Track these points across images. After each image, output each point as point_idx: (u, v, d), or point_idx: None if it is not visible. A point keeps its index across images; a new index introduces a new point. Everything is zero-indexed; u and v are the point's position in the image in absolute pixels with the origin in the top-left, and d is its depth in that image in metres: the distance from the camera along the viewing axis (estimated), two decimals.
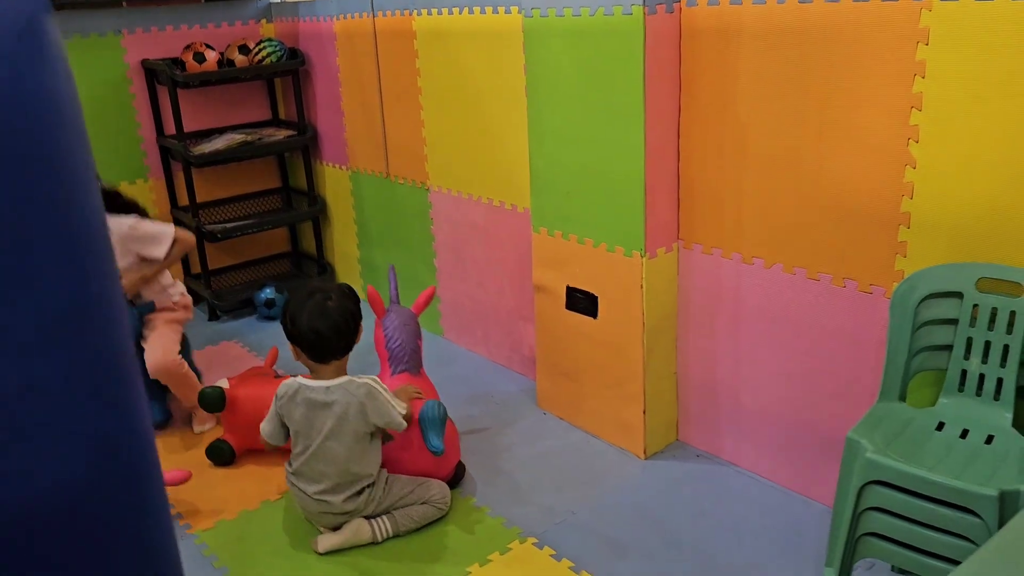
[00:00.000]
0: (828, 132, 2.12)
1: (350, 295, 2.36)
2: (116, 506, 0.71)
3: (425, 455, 2.46)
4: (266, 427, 2.39)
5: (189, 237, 2.97)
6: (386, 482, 2.38)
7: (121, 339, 0.74)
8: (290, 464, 2.37)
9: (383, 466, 2.41)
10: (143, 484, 0.74)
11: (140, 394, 0.75)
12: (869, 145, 2.05)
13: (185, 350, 3.03)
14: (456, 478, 2.61)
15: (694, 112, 2.42)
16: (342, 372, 2.34)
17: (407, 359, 2.63)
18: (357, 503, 2.33)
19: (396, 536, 2.38)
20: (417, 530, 2.40)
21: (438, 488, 2.45)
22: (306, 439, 2.29)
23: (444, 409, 2.45)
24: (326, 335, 2.26)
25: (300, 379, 2.32)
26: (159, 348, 2.87)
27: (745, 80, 2.27)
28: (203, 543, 2.41)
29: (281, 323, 2.34)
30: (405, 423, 2.32)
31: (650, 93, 2.36)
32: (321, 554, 2.33)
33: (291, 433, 2.35)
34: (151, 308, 2.90)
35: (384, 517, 2.37)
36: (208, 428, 3.02)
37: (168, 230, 2.88)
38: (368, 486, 2.34)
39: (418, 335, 2.74)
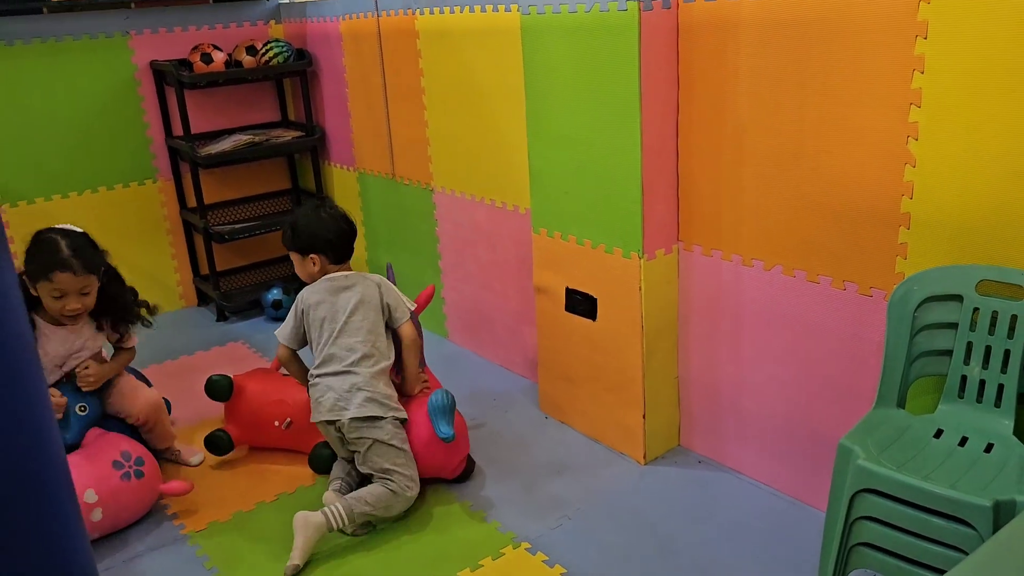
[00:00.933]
0: (827, 130, 2.07)
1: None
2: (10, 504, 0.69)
3: (434, 447, 2.47)
4: (283, 330, 2.58)
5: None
6: (394, 427, 2.44)
7: (16, 334, 0.71)
8: (312, 372, 2.52)
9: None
10: (40, 481, 0.72)
11: (40, 393, 0.73)
12: (868, 143, 1.99)
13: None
14: (467, 471, 2.62)
15: (693, 110, 2.38)
16: (350, 270, 2.62)
17: None
18: (379, 386, 2.45)
19: (351, 521, 2.34)
20: (376, 515, 2.38)
21: (405, 472, 2.41)
22: (331, 323, 2.49)
23: (452, 397, 2.48)
24: (348, 232, 2.60)
25: (316, 280, 2.58)
26: (142, 387, 2.71)
27: (744, 77, 2.22)
28: (196, 544, 2.40)
29: (296, 244, 2.57)
30: (410, 311, 2.59)
31: (646, 90, 2.32)
32: (301, 566, 2.27)
33: (314, 329, 2.51)
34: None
35: (337, 503, 2.35)
36: (201, 459, 2.79)
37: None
38: (387, 373, 2.51)
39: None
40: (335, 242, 2.56)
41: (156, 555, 2.37)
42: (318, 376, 2.49)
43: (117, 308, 2.61)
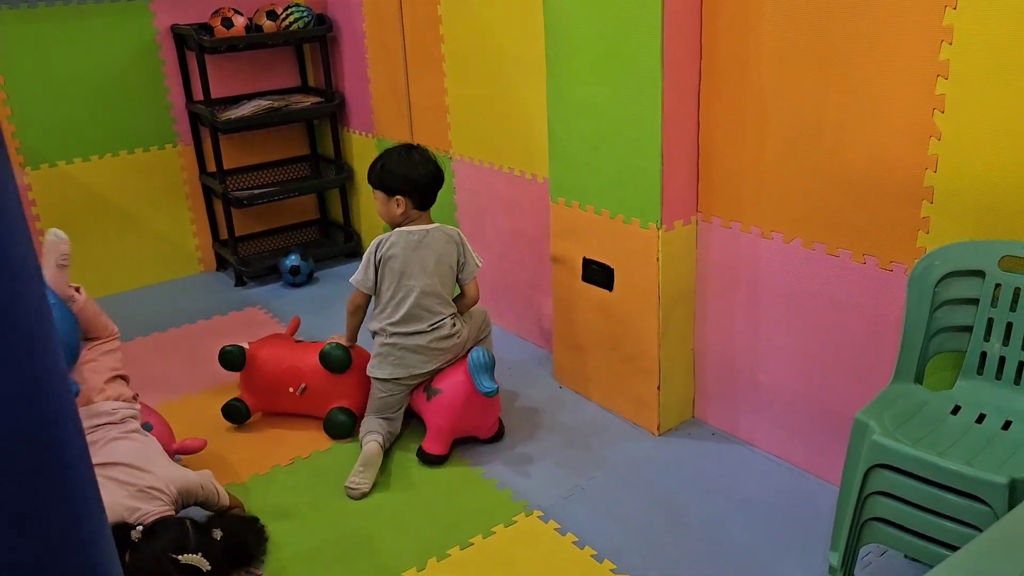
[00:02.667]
0: (851, 101, 2.03)
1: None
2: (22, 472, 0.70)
3: (473, 406, 2.53)
4: (358, 275, 2.61)
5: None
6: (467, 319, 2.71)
7: (33, 298, 0.71)
8: (387, 327, 2.58)
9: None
10: (55, 450, 0.72)
11: (54, 358, 0.73)
12: (892, 116, 1.96)
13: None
14: (499, 433, 2.69)
15: (715, 80, 2.34)
16: (431, 221, 2.65)
17: None
18: (458, 325, 2.63)
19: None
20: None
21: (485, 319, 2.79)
22: (409, 279, 2.54)
23: (492, 355, 2.53)
24: (437, 177, 2.61)
25: (398, 228, 2.59)
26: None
27: (767, 47, 2.18)
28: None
29: (382, 184, 2.58)
30: (477, 268, 2.69)
31: (668, 59, 2.28)
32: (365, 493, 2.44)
33: (389, 281, 2.56)
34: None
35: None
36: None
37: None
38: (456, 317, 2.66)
39: None
40: (423, 186, 2.57)
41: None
42: (396, 334, 2.56)
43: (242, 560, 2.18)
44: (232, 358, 2.77)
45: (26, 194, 3.71)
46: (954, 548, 1.60)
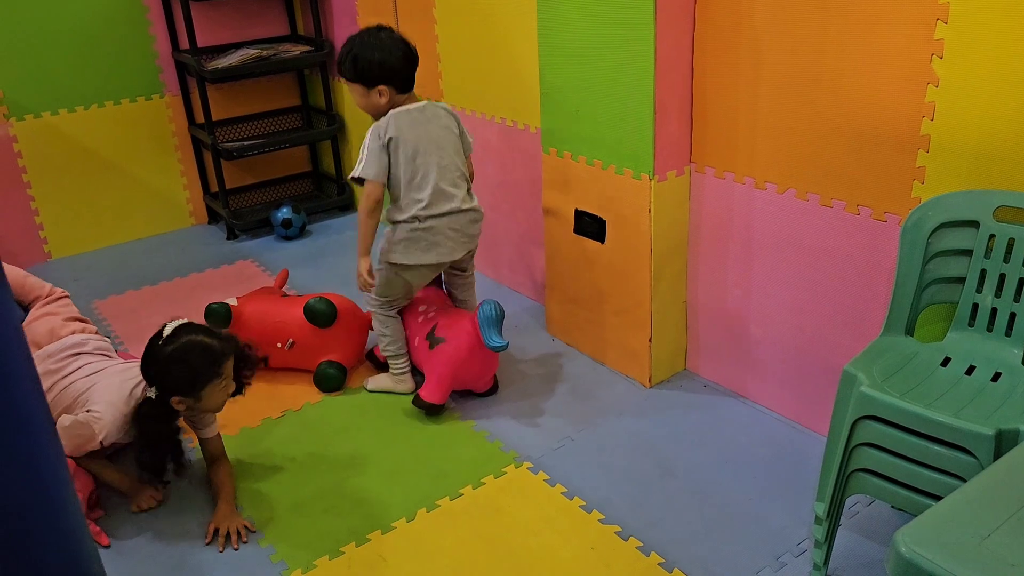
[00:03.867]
0: (848, 47, 1.98)
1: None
2: None
3: (477, 358, 2.52)
4: (369, 166, 2.43)
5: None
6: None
7: None
8: (419, 214, 2.44)
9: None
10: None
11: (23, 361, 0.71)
12: (890, 61, 1.91)
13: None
14: (494, 387, 2.69)
15: (709, 25, 2.29)
16: (418, 98, 2.52)
17: None
18: (475, 201, 2.57)
19: None
20: None
21: None
22: (423, 156, 2.42)
23: (502, 308, 2.50)
24: (412, 56, 2.43)
25: (392, 111, 2.42)
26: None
27: None
28: (202, 458, 2.43)
29: (359, 76, 2.41)
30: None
31: (661, 4, 2.22)
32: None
33: (404, 165, 2.41)
34: None
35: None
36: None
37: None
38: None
39: None
40: (401, 69, 2.40)
41: None
42: (430, 217, 2.44)
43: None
44: (218, 316, 2.74)
45: (11, 146, 3.65)
46: (940, 499, 1.60)
